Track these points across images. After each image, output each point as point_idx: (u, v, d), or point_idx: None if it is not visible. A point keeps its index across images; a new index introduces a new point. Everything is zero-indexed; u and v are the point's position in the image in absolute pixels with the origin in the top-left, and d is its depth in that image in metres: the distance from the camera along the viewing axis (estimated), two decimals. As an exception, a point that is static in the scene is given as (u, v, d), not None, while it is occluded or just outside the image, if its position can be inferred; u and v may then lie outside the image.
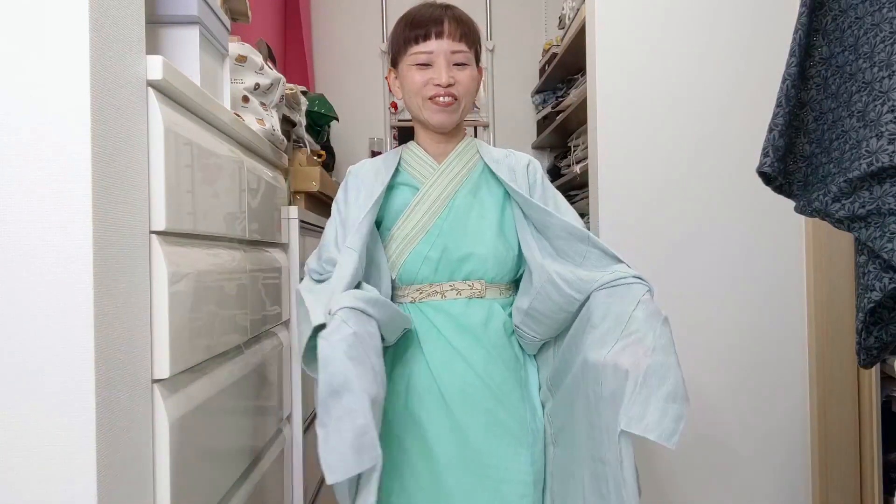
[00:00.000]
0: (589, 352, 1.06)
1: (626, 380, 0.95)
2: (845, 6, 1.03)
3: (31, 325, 0.70)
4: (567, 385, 1.16)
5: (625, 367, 0.97)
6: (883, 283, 0.97)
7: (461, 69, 1.25)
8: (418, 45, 1.24)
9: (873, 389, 1.74)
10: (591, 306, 1.12)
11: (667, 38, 1.83)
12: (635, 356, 0.97)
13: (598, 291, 1.12)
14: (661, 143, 1.83)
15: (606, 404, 1.00)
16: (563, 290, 1.15)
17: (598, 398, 1.02)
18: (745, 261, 1.83)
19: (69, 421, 0.70)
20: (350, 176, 1.32)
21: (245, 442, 1.19)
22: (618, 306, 1.07)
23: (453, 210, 1.26)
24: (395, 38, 1.29)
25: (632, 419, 0.93)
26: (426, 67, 1.24)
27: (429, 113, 1.26)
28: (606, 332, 1.05)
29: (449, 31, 1.24)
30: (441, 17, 1.25)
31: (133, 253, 0.80)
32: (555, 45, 2.80)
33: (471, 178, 1.29)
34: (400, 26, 1.28)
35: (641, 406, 0.93)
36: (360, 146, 3.37)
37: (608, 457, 0.98)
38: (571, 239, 1.21)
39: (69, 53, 0.70)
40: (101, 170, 0.72)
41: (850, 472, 1.78)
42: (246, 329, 1.20)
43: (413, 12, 1.28)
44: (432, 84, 1.24)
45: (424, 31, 1.24)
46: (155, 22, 1.02)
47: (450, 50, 1.24)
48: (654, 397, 0.93)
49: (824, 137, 1.07)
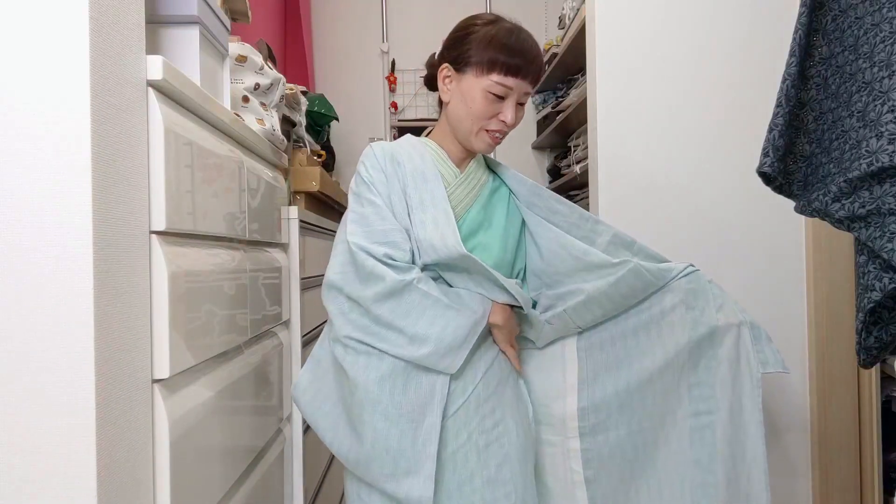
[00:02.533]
0: (697, 326, 1.27)
1: (739, 337, 1.26)
2: (845, 6, 1.03)
3: (32, 325, 0.70)
4: (639, 369, 1.28)
5: (734, 327, 1.26)
6: (883, 283, 0.97)
7: (520, 109, 1.23)
8: (504, 78, 1.17)
9: (873, 389, 1.74)
10: (680, 294, 1.28)
11: (667, 38, 1.83)
12: (737, 317, 1.27)
13: (678, 281, 1.29)
14: (661, 143, 1.83)
15: (723, 363, 1.26)
16: (645, 277, 1.25)
17: (712, 359, 1.27)
18: (745, 261, 1.83)
19: (69, 421, 0.70)
20: (375, 154, 1.22)
21: (245, 442, 1.19)
22: (701, 290, 1.29)
23: (466, 222, 1.25)
24: (478, 50, 1.19)
25: (764, 363, 1.26)
26: (498, 99, 1.19)
27: (478, 139, 1.23)
28: (705, 308, 1.28)
29: (532, 74, 1.20)
30: (535, 57, 1.20)
31: (133, 253, 0.80)
32: (555, 45, 2.80)
33: (482, 195, 1.29)
34: (490, 43, 1.18)
35: (762, 352, 1.26)
36: (360, 146, 3.35)
37: (720, 405, 1.25)
38: (618, 246, 1.29)
39: (69, 53, 0.70)
40: (101, 170, 0.72)
41: (850, 472, 1.78)
42: (246, 329, 1.20)
43: (508, 37, 1.18)
44: (498, 119, 1.21)
45: (517, 66, 1.17)
46: (155, 22, 1.02)
47: (524, 91, 1.21)
48: (763, 343, 1.27)
49: (824, 137, 1.07)
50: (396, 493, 1.12)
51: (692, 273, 1.30)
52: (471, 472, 1.17)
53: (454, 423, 1.17)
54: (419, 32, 3.42)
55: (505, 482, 1.18)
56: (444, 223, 1.18)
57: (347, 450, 1.16)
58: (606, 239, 1.28)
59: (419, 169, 1.22)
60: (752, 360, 1.25)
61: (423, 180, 1.21)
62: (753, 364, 1.25)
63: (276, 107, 1.56)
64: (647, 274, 1.24)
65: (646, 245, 1.30)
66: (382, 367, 1.12)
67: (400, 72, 3.39)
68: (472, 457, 1.17)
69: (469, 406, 1.18)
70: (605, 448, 1.28)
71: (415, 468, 1.11)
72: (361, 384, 1.12)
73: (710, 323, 1.26)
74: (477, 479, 1.17)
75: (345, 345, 1.14)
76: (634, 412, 1.28)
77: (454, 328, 1.13)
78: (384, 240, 1.15)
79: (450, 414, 1.16)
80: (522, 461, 1.22)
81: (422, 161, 1.24)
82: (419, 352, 1.11)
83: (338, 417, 1.18)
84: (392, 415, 1.11)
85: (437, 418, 1.13)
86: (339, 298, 1.16)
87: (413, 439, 1.12)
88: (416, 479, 1.11)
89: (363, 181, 1.21)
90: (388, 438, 1.11)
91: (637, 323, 1.29)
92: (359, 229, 1.16)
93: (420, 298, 1.12)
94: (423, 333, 1.11)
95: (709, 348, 1.27)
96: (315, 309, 1.80)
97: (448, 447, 1.16)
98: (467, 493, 1.16)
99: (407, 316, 1.12)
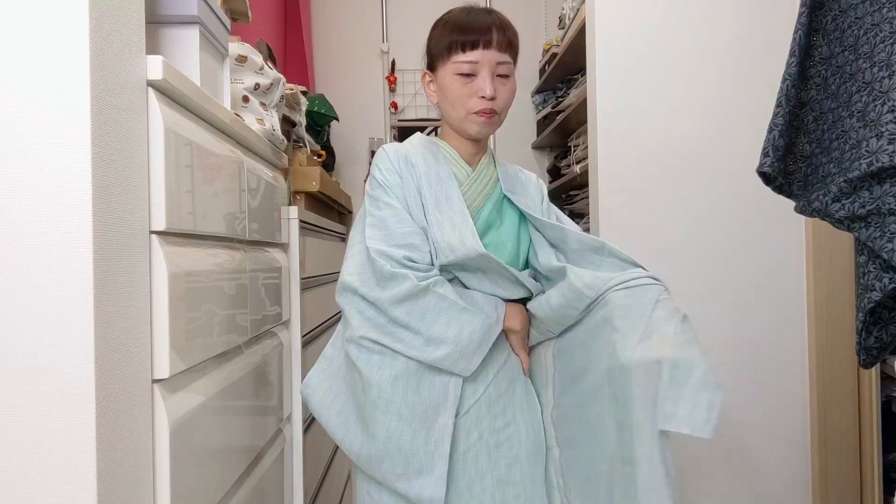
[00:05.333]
0: (615, 353, 1.06)
1: (658, 376, 0.97)
2: (845, 6, 1.03)
3: (32, 325, 0.70)
4: (585, 387, 1.15)
5: (653, 364, 0.98)
6: (883, 283, 0.97)
7: (503, 82, 1.21)
8: (463, 54, 1.18)
9: (873, 389, 1.74)
10: (611, 308, 1.11)
11: (667, 38, 1.83)
12: (661, 352, 0.98)
13: (616, 292, 1.12)
14: (661, 143, 1.83)
15: (637, 403, 1.00)
16: (573, 286, 1.15)
17: (628, 398, 1.02)
18: (745, 261, 1.83)
19: (69, 421, 0.70)
20: (389, 156, 1.22)
21: (245, 442, 1.19)
22: (637, 307, 1.08)
23: (480, 220, 1.24)
24: (436, 43, 1.23)
25: (667, 416, 0.94)
26: (469, 77, 1.19)
27: (469, 124, 1.22)
28: (628, 333, 1.06)
29: (497, 41, 1.18)
30: (489, 25, 1.19)
31: (133, 253, 0.80)
32: (555, 45, 2.80)
33: (494, 192, 1.28)
34: (443, 30, 1.22)
35: (673, 401, 0.94)
36: (360, 146, 3.37)
37: (638, 457, 0.98)
38: (585, 250, 1.23)
39: (69, 53, 0.70)
40: (101, 170, 0.72)
41: (850, 472, 1.78)
42: (246, 329, 1.20)
43: (458, 17, 1.21)
44: (477, 97, 1.19)
45: (471, 40, 1.18)
46: (155, 22, 1.01)
47: (495, 61, 1.19)
48: (685, 390, 0.94)
49: (824, 137, 1.07)
50: (408, 492, 1.12)
51: (640, 286, 1.11)
52: (481, 471, 1.17)
53: (465, 422, 1.17)
54: (419, 32, 3.39)
55: (515, 482, 1.18)
56: (461, 224, 1.18)
57: (359, 447, 1.16)
58: (574, 247, 1.24)
59: (433, 170, 1.23)
60: (658, 410, 0.96)
61: (437, 181, 1.22)
62: (658, 415, 0.96)
63: (276, 107, 1.56)
64: (577, 280, 1.14)
65: (616, 248, 1.21)
66: (396, 367, 1.12)
67: (400, 72, 3.39)
68: (482, 456, 1.17)
69: (480, 406, 1.18)
70: (569, 463, 1.20)
71: (427, 468, 1.11)
72: (375, 383, 1.12)
73: (624, 352, 1.04)
74: (487, 479, 1.17)
75: (359, 345, 1.14)
76: (585, 436, 1.16)
77: (469, 332, 1.13)
78: (403, 242, 1.16)
79: (461, 413, 1.17)
80: (532, 462, 1.21)
81: (435, 161, 1.24)
82: (434, 354, 1.11)
83: (349, 415, 1.19)
84: (405, 414, 1.11)
85: (450, 419, 1.13)
86: (354, 299, 1.16)
87: (426, 439, 1.12)
88: (427, 478, 1.11)
89: (379, 184, 1.21)
90: (400, 437, 1.11)
91: (584, 333, 1.18)
92: (378, 233, 1.16)
93: (436, 301, 1.12)
94: (438, 336, 1.11)
95: (623, 384, 1.04)
96: (315, 309, 1.80)
97: (459, 446, 1.16)
98: (477, 492, 1.16)
99: (423, 318, 1.12)
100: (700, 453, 1.82)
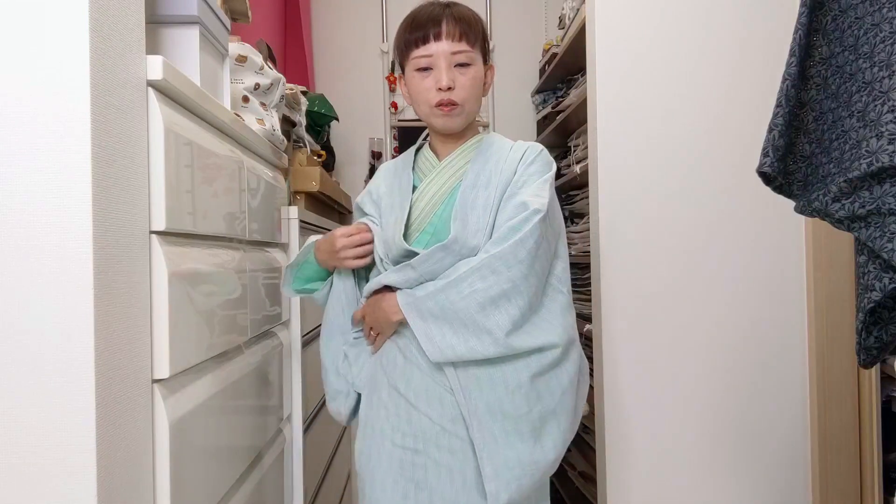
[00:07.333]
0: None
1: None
2: (845, 6, 1.03)
3: (32, 325, 0.70)
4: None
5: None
6: (883, 283, 0.97)
7: (463, 70, 1.21)
8: (418, 49, 1.21)
9: (873, 389, 1.74)
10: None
11: (667, 38, 1.83)
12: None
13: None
14: (661, 142, 1.83)
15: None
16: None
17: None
18: (745, 261, 1.83)
19: (69, 420, 0.70)
20: (375, 177, 1.36)
21: (245, 442, 1.19)
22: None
23: (449, 205, 1.22)
24: (398, 42, 1.25)
25: None
26: (428, 71, 1.21)
27: (434, 119, 1.23)
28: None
29: (448, 32, 1.19)
30: (439, 17, 1.20)
31: (133, 253, 0.80)
32: (555, 45, 2.80)
33: (465, 181, 1.22)
34: (401, 29, 1.25)
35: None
36: (360, 146, 3.36)
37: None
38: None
39: (69, 53, 0.70)
40: (101, 170, 0.72)
41: (850, 472, 1.78)
42: (246, 329, 1.20)
43: (413, 13, 1.24)
44: (435, 89, 1.20)
45: (423, 34, 1.20)
46: (155, 22, 1.02)
47: (450, 51, 1.19)
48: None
49: (824, 137, 1.07)
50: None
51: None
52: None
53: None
54: (419, 32, 3.41)
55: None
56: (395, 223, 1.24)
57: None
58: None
59: (395, 183, 1.30)
60: None
61: (398, 191, 1.28)
62: None
63: (276, 107, 1.56)
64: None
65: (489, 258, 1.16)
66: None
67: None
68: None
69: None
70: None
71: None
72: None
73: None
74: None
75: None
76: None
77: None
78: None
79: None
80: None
81: (396, 176, 1.31)
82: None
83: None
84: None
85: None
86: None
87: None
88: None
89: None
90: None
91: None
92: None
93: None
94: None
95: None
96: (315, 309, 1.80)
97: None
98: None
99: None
100: (700, 453, 1.82)
